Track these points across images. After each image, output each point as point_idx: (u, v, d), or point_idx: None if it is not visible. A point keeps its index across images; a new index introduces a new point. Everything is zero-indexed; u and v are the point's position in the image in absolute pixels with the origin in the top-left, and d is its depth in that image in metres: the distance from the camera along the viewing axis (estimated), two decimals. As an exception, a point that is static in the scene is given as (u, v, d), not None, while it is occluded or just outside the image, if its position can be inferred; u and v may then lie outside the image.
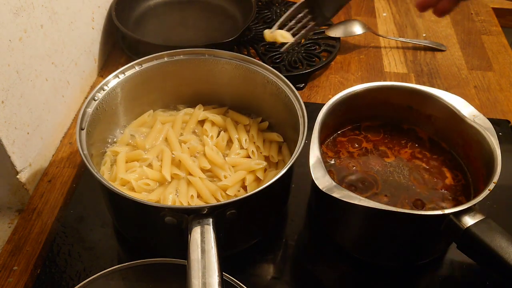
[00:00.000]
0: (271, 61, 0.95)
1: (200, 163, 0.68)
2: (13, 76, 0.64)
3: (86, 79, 0.88)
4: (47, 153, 0.76)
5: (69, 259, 0.64)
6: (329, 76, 0.96)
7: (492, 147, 0.60)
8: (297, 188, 0.70)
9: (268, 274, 0.63)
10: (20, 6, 0.65)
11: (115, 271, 0.54)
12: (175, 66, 0.72)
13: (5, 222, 0.70)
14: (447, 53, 1.03)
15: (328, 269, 0.65)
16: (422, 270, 0.65)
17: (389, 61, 1.00)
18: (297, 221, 0.70)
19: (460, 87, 0.94)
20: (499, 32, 1.09)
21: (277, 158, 0.70)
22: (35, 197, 0.72)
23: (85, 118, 0.62)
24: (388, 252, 0.64)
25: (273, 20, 1.07)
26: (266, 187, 0.55)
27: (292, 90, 0.66)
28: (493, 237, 0.52)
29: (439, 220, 0.55)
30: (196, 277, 0.47)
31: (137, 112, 0.74)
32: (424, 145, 0.70)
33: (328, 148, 0.70)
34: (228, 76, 0.73)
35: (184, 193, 0.64)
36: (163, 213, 0.53)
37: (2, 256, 0.65)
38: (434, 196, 0.64)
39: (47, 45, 0.72)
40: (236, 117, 0.75)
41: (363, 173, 0.67)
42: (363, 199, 0.54)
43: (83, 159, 0.57)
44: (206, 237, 0.50)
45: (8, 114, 0.64)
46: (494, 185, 0.56)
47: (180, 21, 1.03)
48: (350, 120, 0.72)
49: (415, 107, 0.70)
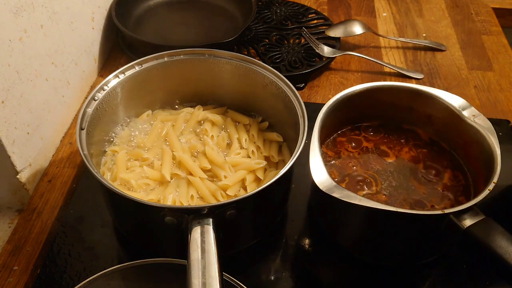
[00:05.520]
0: (271, 61, 0.95)
1: (200, 163, 0.68)
2: (13, 76, 0.64)
3: (86, 79, 0.88)
4: (47, 153, 0.76)
5: (69, 259, 0.64)
6: (329, 76, 0.96)
7: (492, 147, 0.60)
8: (297, 188, 0.70)
9: (268, 274, 0.63)
10: (20, 6, 0.65)
11: (115, 271, 0.54)
12: (175, 66, 0.72)
13: (5, 222, 0.70)
14: (447, 53, 1.03)
15: (328, 269, 0.65)
16: (422, 270, 0.65)
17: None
18: (297, 221, 0.70)
19: (460, 87, 0.94)
20: (499, 32, 1.09)
21: (277, 158, 0.70)
22: (35, 197, 0.72)
23: (85, 118, 0.62)
24: (388, 252, 0.64)
25: (273, 20, 1.07)
26: (266, 187, 0.55)
27: (292, 90, 0.66)
28: (493, 237, 0.52)
29: (439, 220, 0.55)
30: (196, 277, 0.47)
31: (137, 112, 0.74)
32: (424, 145, 0.70)
33: (328, 148, 0.70)
34: (228, 76, 0.73)
35: (184, 193, 0.64)
36: (163, 213, 0.53)
37: (2, 256, 0.65)
38: (434, 196, 0.64)
39: (47, 45, 0.72)
40: (236, 117, 0.75)
41: (363, 173, 0.67)
42: (363, 199, 0.54)
43: (83, 159, 0.57)
44: (206, 237, 0.50)
45: (8, 114, 0.64)
46: (494, 185, 0.55)
47: (180, 21, 1.03)
48: (350, 120, 0.72)
49: (415, 107, 0.70)
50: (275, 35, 1.02)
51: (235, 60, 0.71)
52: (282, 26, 1.05)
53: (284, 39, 1.02)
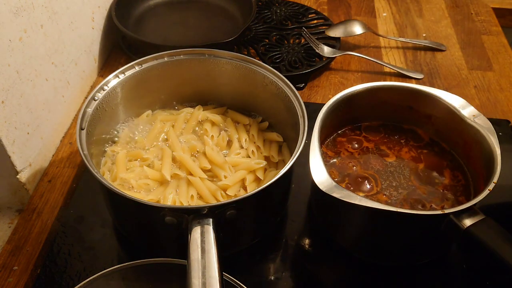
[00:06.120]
0: (271, 61, 0.95)
1: (200, 163, 0.68)
2: (13, 76, 0.64)
3: (86, 79, 0.88)
4: (47, 153, 0.76)
5: (69, 259, 0.64)
6: (329, 76, 0.96)
7: (492, 147, 0.60)
8: (297, 188, 0.70)
9: (268, 274, 0.63)
10: (20, 6, 0.65)
11: (115, 271, 0.54)
12: (175, 66, 0.72)
13: (5, 222, 0.70)
14: (447, 53, 1.03)
15: (328, 269, 0.65)
16: (422, 270, 0.65)
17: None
18: (297, 221, 0.70)
19: (460, 87, 0.94)
20: (499, 32, 1.09)
21: (277, 158, 0.70)
22: (35, 197, 0.72)
23: (85, 118, 0.62)
24: (388, 252, 0.64)
25: (273, 20, 1.07)
26: (266, 187, 0.55)
27: (292, 90, 0.66)
28: (493, 237, 0.52)
29: (439, 220, 0.55)
30: (196, 277, 0.47)
31: (137, 112, 0.74)
32: (424, 145, 0.70)
33: (328, 148, 0.70)
34: (228, 76, 0.73)
35: (184, 193, 0.64)
36: (163, 213, 0.53)
37: (2, 256, 0.65)
38: (434, 196, 0.64)
39: (47, 45, 0.72)
40: (236, 117, 0.75)
41: (363, 173, 0.67)
42: (363, 199, 0.54)
43: (83, 159, 0.57)
44: (206, 237, 0.50)
45: (8, 114, 0.64)
46: (494, 185, 0.56)
47: (180, 21, 1.03)
48: (350, 120, 0.72)
49: (415, 107, 0.70)
50: (275, 35, 1.02)
51: (235, 60, 0.71)
52: (282, 26, 1.05)
53: (284, 39, 1.02)
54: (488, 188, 0.55)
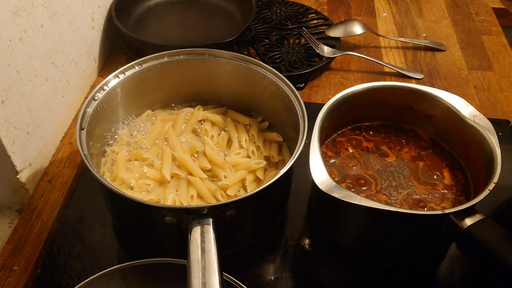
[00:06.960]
0: (271, 61, 0.95)
1: (200, 163, 0.68)
2: (13, 76, 0.64)
3: (86, 79, 0.88)
4: (47, 153, 0.76)
5: (69, 259, 0.64)
6: (329, 76, 0.96)
7: (492, 147, 0.60)
8: (297, 188, 0.70)
9: (268, 274, 0.63)
10: (20, 6, 0.65)
11: (115, 271, 0.54)
12: (175, 66, 0.72)
13: (5, 222, 0.70)
14: (447, 53, 1.03)
15: (328, 269, 0.65)
16: (422, 270, 0.65)
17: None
18: (297, 221, 0.70)
19: (460, 87, 0.94)
20: (499, 32, 1.09)
21: (277, 158, 0.70)
22: (35, 197, 0.72)
23: (85, 118, 0.62)
24: (388, 252, 0.64)
25: (273, 20, 1.07)
26: (266, 187, 0.55)
27: (292, 90, 0.66)
28: (493, 237, 0.52)
29: (439, 220, 0.55)
30: (196, 277, 0.47)
31: (137, 112, 0.74)
32: (424, 145, 0.70)
33: (328, 148, 0.70)
34: (228, 76, 0.73)
35: (184, 193, 0.64)
36: (163, 213, 0.53)
37: (2, 256, 0.65)
38: (434, 196, 0.64)
39: (47, 45, 0.72)
40: (236, 116, 0.75)
41: (363, 173, 0.67)
42: (363, 199, 0.54)
43: (83, 159, 0.57)
44: (206, 237, 0.50)
45: (8, 114, 0.64)
46: (494, 185, 0.56)
47: (180, 21, 1.03)
48: (350, 120, 0.72)
49: (415, 107, 0.70)
50: (275, 35, 1.02)
51: (235, 60, 0.71)
52: (282, 26, 1.05)
53: (284, 39, 1.02)
54: (488, 188, 0.55)
